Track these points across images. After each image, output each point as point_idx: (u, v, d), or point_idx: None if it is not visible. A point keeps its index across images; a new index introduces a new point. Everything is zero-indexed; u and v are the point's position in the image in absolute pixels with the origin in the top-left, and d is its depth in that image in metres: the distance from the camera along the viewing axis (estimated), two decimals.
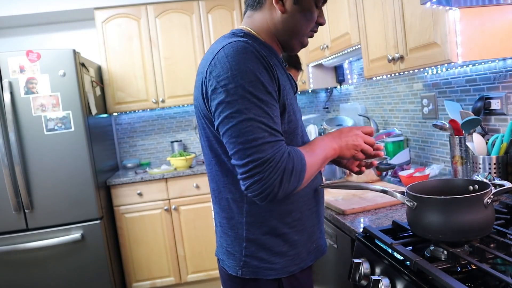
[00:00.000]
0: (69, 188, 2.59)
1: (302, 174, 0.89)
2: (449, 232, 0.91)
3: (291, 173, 0.86)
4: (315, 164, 0.95)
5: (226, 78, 0.87)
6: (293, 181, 0.87)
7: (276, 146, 0.85)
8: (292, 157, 0.87)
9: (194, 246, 3.01)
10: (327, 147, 0.99)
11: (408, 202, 0.97)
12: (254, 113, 0.84)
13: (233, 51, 0.88)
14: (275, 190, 0.84)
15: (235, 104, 0.85)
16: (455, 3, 1.22)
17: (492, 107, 1.56)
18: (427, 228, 0.94)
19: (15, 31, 3.34)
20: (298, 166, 0.88)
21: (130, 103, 3.18)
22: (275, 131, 0.87)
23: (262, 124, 0.84)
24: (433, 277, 0.83)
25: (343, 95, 2.99)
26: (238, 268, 1.02)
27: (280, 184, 0.85)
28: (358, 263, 1.10)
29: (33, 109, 2.51)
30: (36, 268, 2.60)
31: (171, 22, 3.17)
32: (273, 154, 0.84)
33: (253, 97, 0.85)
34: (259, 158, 0.83)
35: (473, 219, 0.90)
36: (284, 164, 0.85)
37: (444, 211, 0.91)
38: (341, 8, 2.07)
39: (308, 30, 1.04)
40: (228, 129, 0.86)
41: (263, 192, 0.84)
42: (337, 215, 1.46)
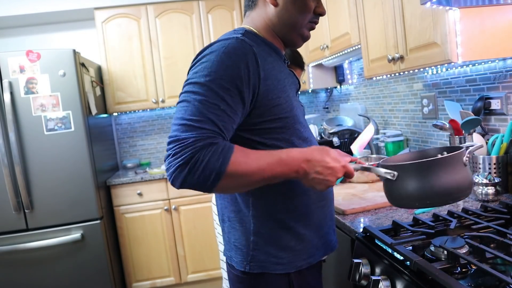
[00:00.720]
0: (69, 188, 2.59)
1: (216, 175, 0.81)
2: (435, 196, 0.91)
3: (199, 163, 0.80)
4: (247, 173, 0.84)
5: (198, 64, 0.91)
6: (200, 175, 0.80)
7: (197, 131, 0.82)
8: (210, 151, 0.80)
9: (194, 246, 3.01)
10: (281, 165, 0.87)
11: (388, 174, 0.94)
12: (198, 99, 0.85)
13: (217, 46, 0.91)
14: (176, 173, 0.81)
15: (189, 86, 0.88)
16: (455, 3, 1.22)
17: (492, 107, 1.56)
18: (413, 196, 0.92)
19: (15, 31, 3.34)
20: (212, 163, 0.80)
21: (130, 103, 3.18)
22: (209, 121, 0.83)
23: (197, 110, 0.84)
24: (433, 277, 0.83)
25: (343, 95, 2.99)
26: (246, 263, 1.02)
27: (182, 169, 0.80)
28: (358, 263, 1.10)
29: (33, 109, 2.51)
30: (36, 268, 2.60)
31: (171, 22, 3.17)
32: (187, 136, 0.81)
33: (205, 85, 0.86)
34: (176, 135, 0.83)
35: (457, 179, 0.90)
36: (193, 152, 0.80)
37: (427, 174, 0.90)
38: (341, 8, 2.07)
39: (306, 21, 1.03)
40: (177, 104, 0.90)
41: (168, 170, 0.82)
42: (337, 215, 1.46)
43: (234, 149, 0.84)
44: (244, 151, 0.86)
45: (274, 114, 0.95)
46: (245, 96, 0.89)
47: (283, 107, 0.97)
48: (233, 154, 0.83)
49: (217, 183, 0.82)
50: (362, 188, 1.74)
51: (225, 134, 0.86)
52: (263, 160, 0.86)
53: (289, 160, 0.88)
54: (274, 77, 0.96)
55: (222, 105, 0.85)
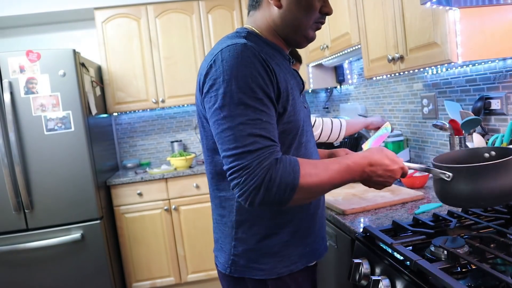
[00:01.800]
0: (69, 188, 2.59)
1: (291, 187, 0.83)
2: (489, 198, 0.93)
3: (273, 182, 0.82)
4: (319, 182, 0.87)
5: (218, 82, 0.88)
6: (276, 191, 0.82)
7: (256, 152, 0.83)
8: (279, 167, 0.83)
9: (194, 246, 3.01)
10: (348, 170, 0.91)
11: (443, 175, 0.96)
12: (239, 121, 0.84)
13: (229, 55, 0.88)
14: (252, 195, 0.83)
15: (222, 110, 0.86)
16: (455, 3, 1.22)
17: (492, 107, 1.56)
18: (467, 197, 0.95)
19: (15, 31, 3.34)
20: (285, 178, 0.83)
21: (130, 103, 3.18)
22: (260, 137, 0.84)
23: (244, 132, 0.84)
24: (433, 277, 0.83)
25: (343, 95, 2.99)
26: (227, 266, 1.03)
27: (258, 190, 0.82)
28: (358, 263, 1.10)
29: (33, 109, 2.51)
30: (36, 268, 2.60)
31: (171, 22, 3.17)
32: (251, 162, 0.82)
33: (240, 103, 0.85)
34: (237, 165, 0.83)
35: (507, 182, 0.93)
36: (264, 172, 0.82)
37: (482, 177, 0.92)
38: (341, 8, 2.07)
39: (311, 22, 1.00)
40: (216, 134, 0.88)
41: (242, 195, 0.84)
42: (337, 215, 1.46)
43: (300, 162, 0.86)
44: (310, 162, 0.89)
45: (281, 119, 0.94)
46: (274, 100, 0.90)
47: (289, 112, 0.96)
48: (300, 167, 0.85)
49: (293, 197, 0.84)
50: (362, 188, 1.74)
51: (278, 143, 0.88)
52: (331, 169, 0.89)
53: (355, 166, 0.92)
54: (282, 80, 0.94)
55: (264, 117, 0.86)
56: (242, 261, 1.01)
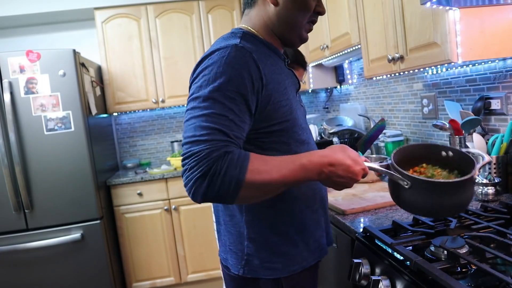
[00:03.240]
0: (69, 188, 2.59)
1: (237, 183, 0.80)
2: (442, 211, 0.95)
3: (218, 173, 0.79)
4: (268, 179, 0.83)
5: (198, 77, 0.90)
6: (220, 184, 0.79)
7: (208, 142, 0.81)
8: (227, 159, 0.80)
9: (194, 246, 3.01)
10: (302, 169, 0.86)
11: (402, 181, 0.93)
12: (203, 112, 0.84)
13: (217, 55, 0.89)
14: (196, 186, 0.80)
15: (193, 101, 0.87)
16: (455, 3, 1.22)
17: (492, 107, 1.56)
18: (421, 208, 0.94)
19: (15, 31, 3.34)
20: (230, 172, 0.79)
21: (130, 103, 3.18)
22: (218, 131, 0.82)
23: (204, 123, 0.83)
24: (433, 277, 0.83)
25: (343, 95, 2.99)
26: (240, 267, 1.02)
27: (202, 180, 0.79)
28: (358, 263, 1.10)
29: (33, 109, 2.51)
30: (36, 268, 2.60)
31: (171, 22, 3.17)
32: (201, 149, 0.80)
33: (210, 98, 0.85)
34: (188, 151, 0.82)
35: (466, 196, 0.92)
36: (210, 163, 0.79)
37: (441, 194, 0.90)
38: (341, 8, 2.07)
39: (305, 21, 1.02)
40: (184, 123, 0.89)
41: (187, 185, 0.81)
42: (337, 215, 1.46)
43: (251, 157, 0.83)
44: (262, 159, 0.85)
45: (275, 118, 0.95)
46: (251, 104, 0.89)
47: (284, 111, 0.96)
48: (250, 162, 0.82)
49: (238, 193, 0.81)
50: (362, 188, 1.74)
51: (237, 143, 0.85)
52: (284, 167, 0.85)
53: (311, 166, 0.87)
54: (275, 81, 0.95)
55: (230, 115, 0.84)
56: (256, 261, 1.01)
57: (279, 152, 0.96)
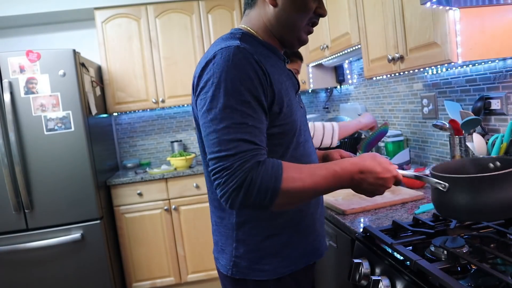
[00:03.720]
0: (69, 188, 2.59)
1: (273, 191, 0.82)
2: (489, 212, 0.88)
3: (254, 185, 0.81)
4: (303, 187, 0.85)
5: (208, 85, 0.88)
6: (257, 193, 0.81)
7: (238, 155, 0.82)
8: (260, 170, 0.82)
9: (194, 246, 3.01)
10: (335, 177, 0.88)
11: (439, 185, 0.91)
12: (224, 124, 0.84)
13: (220, 58, 0.88)
14: (232, 196, 0.82)
15: (209, 113, 0.86)
16: (455, 3, 1.22)
17: (492, 107, 1.56)
18: (463, 209, 0.89)
19: (15, 31, 3.34)
20: (265, 181, 0.81)
21: (130, 103, 3.18)
22: (242, 141, 0.83)
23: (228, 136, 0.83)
24: (433, 277, 0.83)
25: (343, 95, 2.99)
26: (229, 267, 1.03)
27: (238, 192, 0.81)
28: (358, 263, 1.10)
29: (33, 109, 2.51)
30: (36, 268, 2.60)
31: (171, 22, 3.17)
32: (232, 163, 0.82)
33: (227, 107, 0.85)
34: (219, 166, 0.83)
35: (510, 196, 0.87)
36: (245, 174, 0.81)
37: (480, 189, 0.86)
38: (341, 8, 2.07)
39: (304, 22, 1.00)
40: (204, 137, 0.89)
41: (223, 196, 0.83)
42: (337, 215, 1.46)
43: (284, 166, 0.84)
44: (295, 167, 0.86)
45: (277, 120, 0.94)
46: (265, 104, 0.89)
47: (285, 113, 0.95)
48: (283, 170, 0.83)
49: (274, 201, 0.83)
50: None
51: (263, 147, 0.86)
52: (317, 174, 0.86)
53: (344, 173, 0.89)
54: (277, 81, 0.94)
55: (250, 121, 0.85)
56: (244, 263, 1.00)
57: (276, 154, 0.96)
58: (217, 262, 1.10)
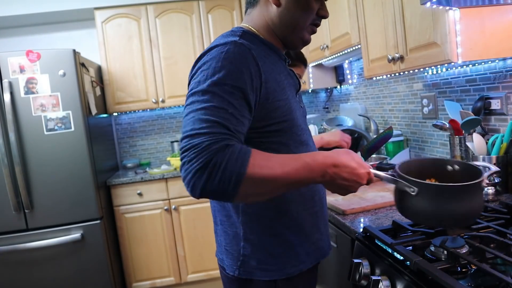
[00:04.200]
0: (69, 188, 2.59)
1: (237, 177, 0.76)
2: (452, 220, 0.89)
3: (218, 168, 0.75)
4: (269, 175, 0.80)
5: (197, 72, 0.89)
6: (221, 179, 0.76)
7: (208, 135, 0.78)
8: (227, 153, 0.77)
9: (194, 246, 3.01)
10: (305, 168, 0.84)
11: (408, 188, 0.90)
12: (202, 106, 0.83)
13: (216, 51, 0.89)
14: (195, 179, 0.76)
15: (192, 96, 0.86)
16: (455, 3, 1.22)
17: (492, 107, 1.56)
18: (429, 215, 0.90)
19: (15, 31, 3.34)
20: (231, 165, 0.76)
21: (130, 103, 3.18)
22: (217, 124, 0.80)
23: (204, 116, 0.81)
24: (433, 277, 0.83)
25: (343, 95, 2.99)
26: (236, 267, 1.02)
27: (202, 173, 0.75)
28: (358, 263, 1.10)
29: (33, 109, 2.51)
30: (36, 268, 2.60)
31: (171, 22, 3.17)
32: (201, 141, 0.77)
33: (209, 92, 0.84)
34: (188, 144, 0.79)
35: (476, 204, 0.90)
36: (210, 155, 0.76)
37: (449, 198, 0.88)
38: (341, 8, 2.07)
39: (307, 23, 1.01)
40: (183, 118, 0.87)
41: (185, 178, 0.78)
42: (337, 215, 1.46)
43: (252, 152, 0.80)
44: (264, 154, 0.82)
45: (273, 118, 0.94)
46: (251, 100, 0.87)
47: (282, 111, 0.95)
48: (251, 156, 0.79)
49: (238, 188, 0.77)
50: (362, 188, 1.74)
51: (238, 137, 0.83)
52: (287, 164, 0.82)
53: (315, 165, 0.84)
54: (273, 79, 0.94)
55: (230, 109, 0.82)
56: (252, 262, 1.00)
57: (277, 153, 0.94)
58: (221, 263, 1.08)
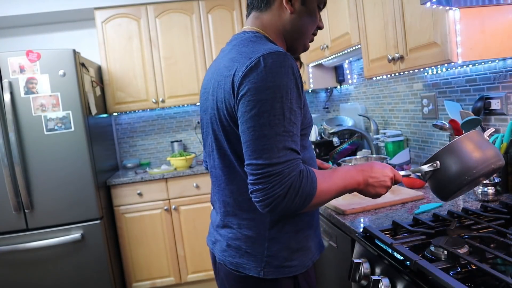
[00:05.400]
0: (69, 188, 2.59)
1: (309, 197, 0.88)
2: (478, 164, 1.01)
3: (297, 192, 0.86)
4: (328, 191, 0.93)
5: (259, 87, 0.86)
6: (297, 201, 0.87)
7: (287, 163, 0.86)
8: (302, 177, 0.87)
9: (194, 246, 3.01)
10: (349, 179, 0.98)
11: (431, 166, 1.05)
12: (275, 131, 0.86)
13: (272, 62, 0.87)
14: (276, 202, 0.86)
15: (261, 117, 0.86)
16: (455, 3, 1.22)
17: (492, 107, 1.56)
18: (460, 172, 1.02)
19: (15, 31, 3.34)
20: (306, 188, 0.87)
21: (130, 103, 3.18)
22: (290, 150, 0.87)
23: (280, 144, 0.86)
24: (433, 277, 0.83)
25: (343, 95, 2.99)
26: (260, 269, 1.00)
27: (283, 198, 0.85)
28: (358, 263, 1.10)
29: (33, 109, 2.51)
30: (36, 268, 2.60)
31: (171, 22, 3.17)
32: (282, 170, 0.85)
33: (278, 113, 0.86)
34: (268, 171, 0.85)
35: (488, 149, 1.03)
36: (291, 181, 0.85)
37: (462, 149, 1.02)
38: (341, 8, 2.07)
39: (312, 32, 1.08)
40: (248, 140, 0.88)
41: (264, 201, 0.86)
42: (337, 215, 1.46)
43: (316, 173, 0.92)
44: (322, 174, 0.94)
45: (304, 123, 0.98)
46: (302, 109, 0.94)
47: (308, 117, 1.01)
48: (317, 178, 0.91)
49: (308, 204, 0.89)
50: None
51: (301, 156, 0.92)
52: (342, 181, 0.96)
53: (354, 183, 0.99)
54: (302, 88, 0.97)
55: (294, 130, 0.89)
56: (277, 261, 1.01)
57: None
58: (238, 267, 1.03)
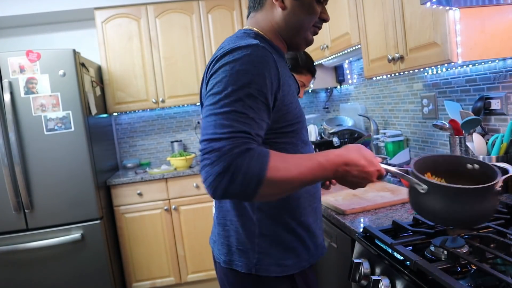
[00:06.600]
0: (69, 188, 2.59)
1: (256, 179, 0.79)
2: (460, 222, 0.91)
3: (238, 171, 0.78)
4: (287, 176, 0.83)
5: (221, 70, 0.88)
6: (239, 182, 0.78)
7: (230, 139, 0.80)
8: (248, 156, 0.79)
9: (194, 246, 3.01)
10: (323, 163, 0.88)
11: (418, 186, 0.92)
12: (225, 110, 0.83)
13: (240, 53, 0.88)
14: (215, 182, 0.78)
15: (214, 97, 0.86)
16: (455, 3, 1.22)
17: (492, 107, 1.56)
18: (437, 214, 0.91)
19: (15, 31, 3.34)
20: (251, 168, 0.78)
21: (130, 103, 3.17)
22: (240, 132, 0.82)
23: (227, 121, 0.83)
24: (433, 277, 0.83)
25: (343, 95, 2.99)
26: (252, 266, 1.01)
27: (222, 176, 0.78)
28: (358, 263, 1.10)
29: (33, 109, 2.51)
30: (36, 268, 2.60)
31: (171, 22, 3.17)
32: (223, 145, 0.79)
33: (232, 95, 0.84)
34: (209, 147, 0.80)
35: (486, 207, 0.89)
36: (232, 158, 0.78)
37: (458, 201, 0.88)
38: (341, 8, 2.07)
39: (311, 25, 1.04)
40: (203, 118, 0.87)
41: (206, 179, 0.80)
42: (337, 215, 1.46)
43: (270, 154, 0.82)
44: (281, 156, 0.85)
45: (288, 120, 0.96)
46: (270, 104, 0.89)
47: (295, 113, 0.98)
48: (270, 159, 0.81)
49: (259, 190, 0.80)
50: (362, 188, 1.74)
51: (257, 140, 0.85)
52: (303, 165, 0.85)
53: (328, 165, 0.88)
54: (287, 83, 0.96)
55: (251, 113, 0.85)
56: (269, 259, 1.01)
57: (288, 152, 0.98)
58: (229, 265, 1.05)
